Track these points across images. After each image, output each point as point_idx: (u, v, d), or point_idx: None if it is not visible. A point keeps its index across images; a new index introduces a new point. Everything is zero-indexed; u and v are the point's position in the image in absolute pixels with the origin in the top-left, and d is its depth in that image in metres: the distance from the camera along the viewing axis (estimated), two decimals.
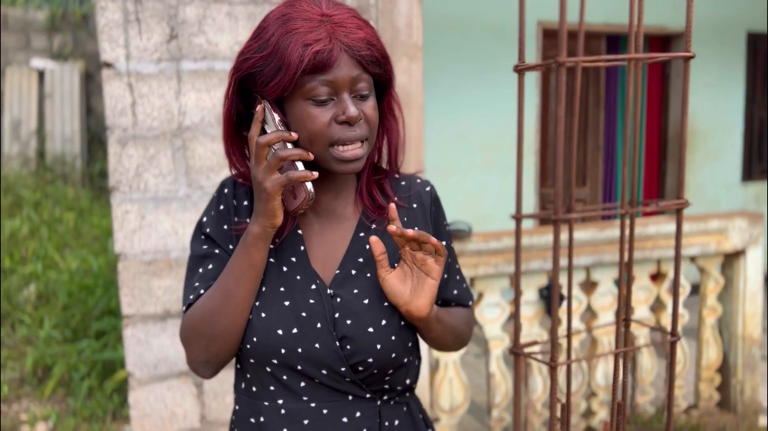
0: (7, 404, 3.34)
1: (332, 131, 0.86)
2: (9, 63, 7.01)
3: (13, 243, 5.04)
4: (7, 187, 6.15)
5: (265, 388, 0.93)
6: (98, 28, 1.82)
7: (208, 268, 0.94)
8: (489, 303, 2.41)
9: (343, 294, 0.93)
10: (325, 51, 0.82)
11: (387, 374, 0.94)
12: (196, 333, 0.91)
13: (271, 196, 0.84)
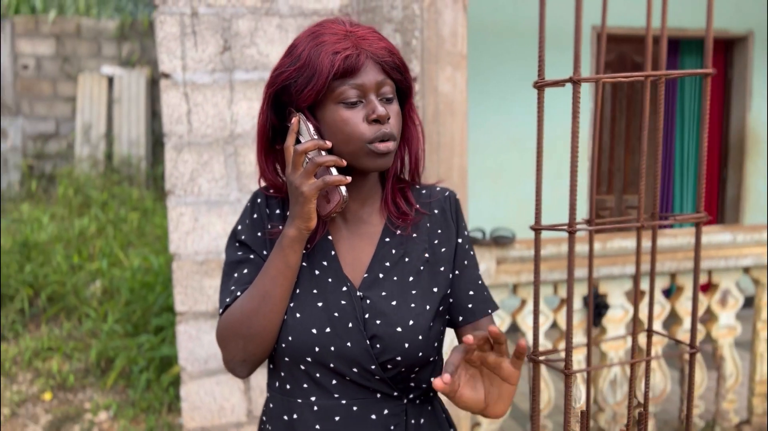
0: (72, 392, 3.54)
1: (367, 130, 0.93)
2: (81, 70, 7.39)
3: (81, 241, 5.32)
4: (77, 187, 6.49)
5: (299, 386, 0.99)
6: (157, 41, 1.93)
7: (244, 272, 1.01)
8: (530, 310, 2.41)
9: (371, 296, 0.98)
10: (353, 56, 0.91)
11: (413, 372, 0.98)
12: (234, 333, 0.97)
13: (308, 200, 0.90)
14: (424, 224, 1.05)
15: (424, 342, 0.97)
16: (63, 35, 7.36)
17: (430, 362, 1.00)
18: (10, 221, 5.63)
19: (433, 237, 1.05)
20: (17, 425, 3.21)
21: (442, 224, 1.05)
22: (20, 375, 3.65)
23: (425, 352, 0.97)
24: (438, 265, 1.03)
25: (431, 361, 1.00)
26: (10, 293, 4.28)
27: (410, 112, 1.03)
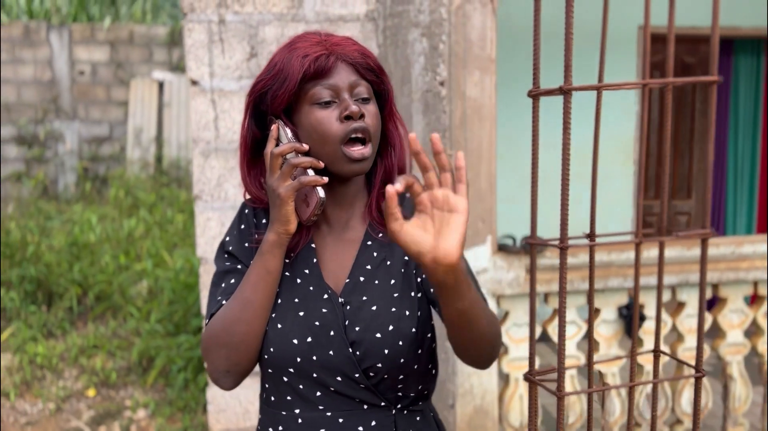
0: (114, 390, 3.64)
1: (339, 128, 0.93)
2: (134, 75, 7.62)
3: (129, 242, 5.48)
4: (128, 189, 6.69)
5: (283, 398, 0.98)
6: (185, 48, 1.96)
7: (231, 283, 1.00)
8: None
9: (352, 302, 0.97)
10: (322, 58, 0.92)
11: (398, 380, 0.96)
12: (216, 342, 0.96)
13: (284, 202, 0.90)
14: None
15: (405, 348, 0.95)
16: (117, 42, 7.62)
17: (415, 369, 0.98)
18: (63, 221, 5.84)
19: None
20: (61, 420, 3.32)
21: None
22: (66, 372, 3.78)
23: (407, 358, 0.95)
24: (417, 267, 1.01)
25: (416, 368, 0.98)
26: (60, 291, 4.44)
27: (392, 116, 1.02)
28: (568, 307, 2.34)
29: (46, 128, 7.53)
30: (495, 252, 2.23)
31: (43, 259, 4.55)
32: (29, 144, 7.53)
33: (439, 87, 2.10)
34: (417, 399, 1.01)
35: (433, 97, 2.09)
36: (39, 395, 3.50)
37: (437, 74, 2.09)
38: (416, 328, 0.97)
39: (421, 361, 0.98)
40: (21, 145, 7.50)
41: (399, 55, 2.09)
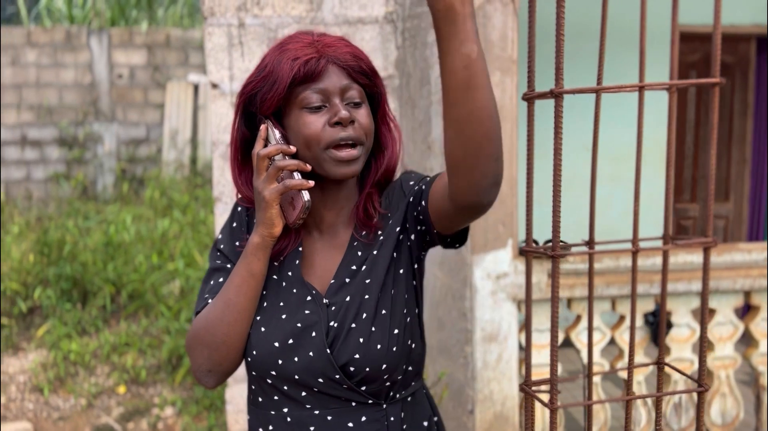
0: (144, 387, 3.71)
1: (326, 133, 0.91)
2: (170, 78, 7.77)
3: (163, 242, 5.58)
4: (163, 190, 6.82)
5: (270, 398, 0.98)
6: (206, 52, 1.98)
7: (219, 281, 1.01)
8: (587, 326, 2.29)
9: (336, 302, 0.96)
10: (312, 61, 0.90)
11: (383, 378, 0.95)
12: (199, 341, 0.96)
13: (269, 204, 0.89)
14: (387, 222, 1.02)
15: (386, 347, 0.94)
16: (154, 45, 7.77)
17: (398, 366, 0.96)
18: (99, 222, 5.98)
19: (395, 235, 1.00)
20: (92, 415, 3.39)
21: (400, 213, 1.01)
22: (98, 368, 3.87)
23: (389, 358, 0.94)
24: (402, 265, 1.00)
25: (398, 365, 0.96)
26: (94, 290, 4.54)
27: (385, 118, 1.01)
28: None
29: (85, 130, 7.72)
30: (516, 256, 2.20)
31: (79, 258, 4.67)
32: (70, 145, 7.74)
33: None
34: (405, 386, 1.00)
35: None
36: (71, 391, 3.58)
37: None
38: (399, 328, 0.96)
39: (404, 356, 0.97)
40: (62, 146, 7.71)
41: (418, 57, 2.07)
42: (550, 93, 0.75)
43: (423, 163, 2.11)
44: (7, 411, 3.43)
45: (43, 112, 7.65)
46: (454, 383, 2.21)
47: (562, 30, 0.75)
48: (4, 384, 3.67)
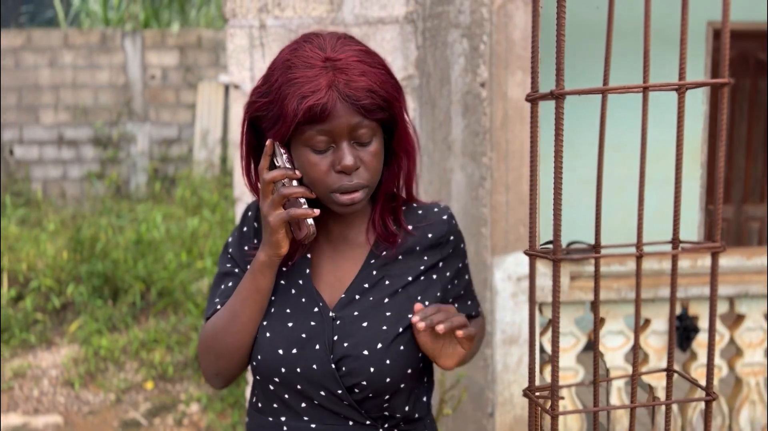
0: (171, 383, 3.77)
1: (331, 179, 0.88)
2: (201, 78, 7.88)
3: (192, 240, 5.66)
4: (193, 189, 6.92)
5: (269, 405, 0.98)
6: (227, 53, 2.00)
7: (228, 286, 1.01)
8: (611, 330, 2.25)
9: (344, 317, 0.95)
10: (319, 105, 0.83)
11: (384, 399, 0.94)
12: (207, 347, 0.98)
13: (274, 230, 0.89)
14: (413, 247, 1.00)
15: (392, 367, 0.92)
16: (186, 46, 7.89)
17: (402, 389, 0.95)
18: (131, 220, 6.09)
19: (420, 264, 1.00)
20: (120, 410, 3.46)
21: (435, 250, 1.01)
22: (127, 364, 3.94)
23: (393, 378, 0.93)
24: (419, 292, 0.98)
25: (402, 388, 0.95)
26: (124, 287, 4.63)
27: (401, 142, 0.96)
28: (616, 317, 2.25)
29: (119, 130, 7.88)
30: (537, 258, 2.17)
31: (110, 256, 4.76)
32: (104, 145, 7.90)
33: (480, 88, 2.05)
34: (406, 420, 0.98)
35: (474, 98, 2.05)
36: (101, 386, 3.66)
37: (478, 75, 2.05)
38: (405, 348, 0.94)
39: (409, 381, 0.96)
40: (97, 146, 7.89)
41: (438, 57, 2.06)
42: (550, 94, 0.74)
43: (442, 163, 2.10)
44: (39, 404, 3.52)
45: (79, 113, 7.83)
46: (473, 386, 2.19)
47: (562, 30, 0.74)
48: (37, 378, 3.77)
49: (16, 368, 3.83)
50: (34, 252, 4.90)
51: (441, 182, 2.12)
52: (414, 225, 1.01)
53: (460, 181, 2.11)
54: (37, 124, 7.85)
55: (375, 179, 0.92)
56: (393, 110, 0.90)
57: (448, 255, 1.02)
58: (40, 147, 7.87)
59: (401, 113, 0.93)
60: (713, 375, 0.77)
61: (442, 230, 1.02)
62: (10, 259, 4.74)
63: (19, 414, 3.41)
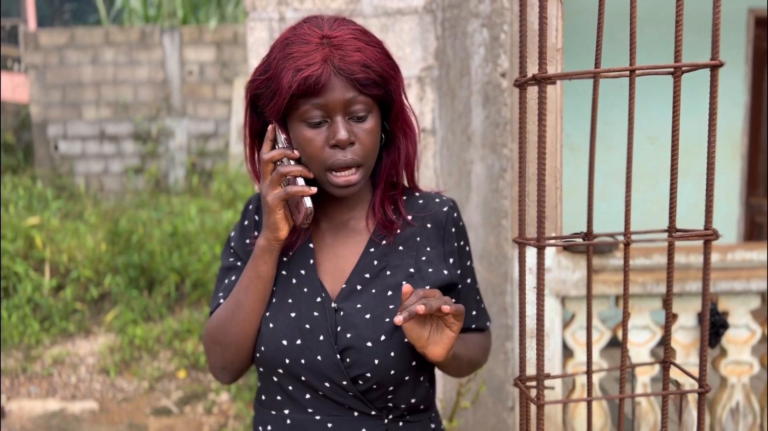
0: (202, 372, 3.84)
1: (325, 154, 0.88)
2: (237, 74, 7.97)
3: (226, 233, 5.75)
4: (229, 183, 7.02)
5: (273, 398, 0.98)
6: (247, 46, 2.02)
7: (231, 279, 1.01)
8: (636, 325, 2.20)
9: (346, 308, 0.94)
10: (313, 76, 0.84)
11: (388, 391, 0.93)
12: (212, 340, 0.98)
13: (272, 210, 0.88)
14: (414, 237, 0.99)
15: (396, 359, 0.92)
16: (222, 42, 8.00)
17: (406, 381, 0.94)
18: (167, 213, 6.22)
19: (421, 254, 0.98)
20: (153, 398, 3.55)
21: (434, 241, 0.99)
22: (161, 353, 4.04)
23: (398, 370, 0.92)
24: (422, 283, 0.97)
25: (407, 380, 0.94)
26: (160, 278, 4.74)
27: (397, 121, 0.96)
28: (641, 311, 2.20)
29: (158, 125, 8.05)
30: (560, 251, 2.14)
31: (146, 248, 4.88)
32: (144, 140, 8.08)
33: (500, 78, 2.03)
34: (411, 410, 0.98)
35: (494, 89, 2.03)
36: (135, 374, 3.76)
37: (498, 65, 2.02)
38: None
39: (413, 373, 0.95)
40: (137, 141, 8.07)
41: (458, 47, 2.04)
42: (533, 78, 0.73)
43: (462, 154, 2.08)
44: (76, 391, 3.63)
45: (120, 108, 8.02)
46: (493, 379, 2.17)
47: (545, 12, 0.73)
48: (75, 365, 3.89)
49: (55, 355, 3.96)
50: (74, 244, 5.06)
51: (461, 174, 2.11)
52: (414, 215, 1.00)
53: (480, 173, 2.09)
54: (80, 119, 8.07)
55: (370, 157, 0.91)
56: (388, 87, 0.90)
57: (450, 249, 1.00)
58: (83, 142, 8.10)
59: (398, 92, 0.93)
60: (705, 369, 0.75)
61: (441, 221, 1.00)
62: (52, 251, 4.90)
63: (58, 399, 3.53)
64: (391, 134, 0.97)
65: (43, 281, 4.59)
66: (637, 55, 2.93)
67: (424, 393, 1.00)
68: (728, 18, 3.96)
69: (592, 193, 0.81)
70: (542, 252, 0.73)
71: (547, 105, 2.28)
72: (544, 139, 0.71)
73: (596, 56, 0.77)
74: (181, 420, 3.28)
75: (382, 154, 0.99)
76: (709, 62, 0.68)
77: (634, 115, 0.66)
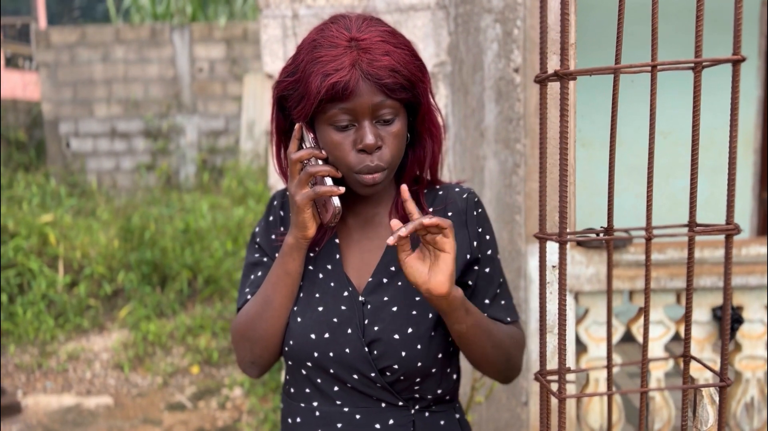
0: (216, 368, 3.87)
1: (352, 159, 0.88)
2: (247, 71, 8.00)
3: (238, 229, 5.78)
4: (240, 179, 7.05)
5: (301, 390, 0.99)
6: (261, 43, 2.03)
7: (258, 275, 1.02)
8: (650, 320, 2.20)
9: (373, 302, 0.95)
10: (341, 82, 0.84)
11: (415, 382, 0.95)
12: (241, 336, 0.99)
13: (301, 209, 0.89)
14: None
15: (423, 351, 0.93)
16: (232, 39, 8.02)
17: (433, 373, 0.95)
18: (179, 210, 6.26)
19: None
20: (167, 393, 3.58)
21: (456, 227, 0.99)
22: (174, 349, 4.07)
23: (425, 362, 0.93)
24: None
25: (434, 372, 0.95)
26: (172, 274, 4.77)
27: (424, 122, 0.96)
28: (655, 307, 2.20)
29: (169, 122, 8.09)
30: (573, 246, 2.14)
31: (159, 244, 4.91)
32: (155, 137, 8.13)
33: (513, 74, 2.03)
34: (437, 401, 0.99)
35: (507, 84, 2.03)
36: (149, 369, 3.79)
37: (511, 60, 2.02)
38: (436, 332, 0.95)
39: (439, 365, 0.96)
40: (147, 138, 8.12)
41: (471, 43, 2.04)
42: (555, 74, 0.73)
43: (475, 150, 2.08)
44: (91, 386, 3.67)
45: (131, 106, 8.07)
46: None
47: (567, 8, 0.73)
48: (89, 361, 3.93)
49: (70, 351, 4.00)
50: (87, 240, 5.10)
51: (474, 169, 2.11)
52: (434, 208, 1.01)
53: (494, 168, 2.09)
54: (92, 117, 8.13)
55: (396, 160, 0.92)
56: (416, 90, 0.90)
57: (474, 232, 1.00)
58: (94, 139, 8.15)
59: (426, 94, 0.93)
60: (727, 362, 0.75)
61: (461, 207, 1.00)
62: (65, 247, 4.94)
63: (73, 394, 3.56)
64: (417, 134, 0.98)
65: (57, 278, 4.63)
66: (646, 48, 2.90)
67: (451, 384, 1.01)
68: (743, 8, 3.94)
69: (612, 187, 0.81)
70: (564, 247, 0.73)
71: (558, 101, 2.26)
72: (566, 134, 0.71)
73: (617, 52, 0.77)
74: (195, 415, 3.31)
75: (408, 152, 1.00)
76: (731, 57, 0.69)
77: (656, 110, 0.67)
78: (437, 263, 0.85)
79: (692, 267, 0.78)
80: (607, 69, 0.75)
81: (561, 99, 0.71)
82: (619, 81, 0.76)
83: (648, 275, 0.74)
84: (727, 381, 0.75)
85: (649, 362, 0.78)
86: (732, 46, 0.69)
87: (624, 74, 0.74)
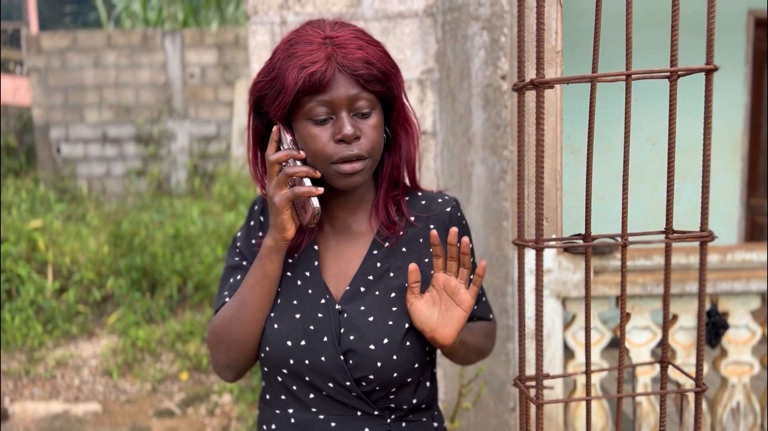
0: (205, 374, 3.85)
1: (331, 149, 0.89)
2: (238, 76, 8.00)
3: (229, 235, 5.76)
4: (231, 185, 7.04)
5: (277, 397, 0.98)
6: (249, 50, 2.04)
7: (237, 278, 1.02)
8: (636, 326, 2.21)
9: (349, 310, 0.95)
10: (318, 72, 0.86)
11: (391, 392, 0.94)
12: (217, 338, 0.99)
13: (279, 210, 0.90)
14: (417, 239, 1.00)
15: (399, 361, 0.93)
16: (223, 45, 8.02)
17: (409, 382, 0.96)
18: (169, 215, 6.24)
19: (424, 255, 0.99)
20: (156, 400, 3.56)
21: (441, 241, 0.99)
22: (163, 355, 4.05)
23: (400, 372, 0.93)
24: (425, 285, 0.98)
25: (409, 382, 0.96)
26: (162, 280, 4.75)
27: (399, 118, 0.97)
28: (642, 312, 2.21)
29: (160, 128, 8.07)
30: (560, 252, 2.15)
31: (149, 250, 4.90)
32: (146, 142, 8.11)
33: (500, 81, 2.04)
34: (413, 410, 0.99)
35: (494, 91, 2.04)
36: (138, 376, 3.77)
37: (498, 68, 2.03)
38: (411, 342, 0.95)
39: (415, 374, 0.96)
40: (138, 143, 8.10)
41: (458, 50, 2.05)
42: (530, 83, 0.74)
43: (463, 156, 2.09)
44: (79, 393, 3.65)
45: (122, 111, 8.05)
46: (495, 380, 2.18)
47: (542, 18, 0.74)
48: (78, 367, 3.90)
49: (58, 357, 3.97)
50: (77, 246, 5.07)
51: (461, 176, 2.12)
52: (416, 215, 1.01)
53: (481, 175, 2.10)
54: (82, 122, 8.10)
55: (376, 151, 0.92)
56: (390, 83, 0.92)
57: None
58: (85, 145, 8.12)
59: (399, 90, 0.95)
60: (702, 368, 0.76)
61: (444, 221, 1.01)
62: (54, 253, 4.92)
63: (61, 401, 3.54)
64: (393, 133, 0.99)
65: (45, 283, 4.60)
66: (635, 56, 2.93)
67: (426, 392, 1.01)
68: (728, 19, 3.97)
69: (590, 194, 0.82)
70: (541, 253, 0.74)
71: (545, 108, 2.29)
72: (542, 142, 0.72)
73: (593, 61, 0.78)
74: (184, 422, 3.30)
75: (384, 154, 1.00)
76: (704, 66, 0.70)
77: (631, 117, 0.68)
78: (449, 314, 0.89)
79: (669, 274, 0.79)
80: (583, 78, 0.76)
81: (537, 107, 0.72)
82: (596, 89, 0.77)
83: (623, 281, 0.74)
84: (702, 387, 0.76)
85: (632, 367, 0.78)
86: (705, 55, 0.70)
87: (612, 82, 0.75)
